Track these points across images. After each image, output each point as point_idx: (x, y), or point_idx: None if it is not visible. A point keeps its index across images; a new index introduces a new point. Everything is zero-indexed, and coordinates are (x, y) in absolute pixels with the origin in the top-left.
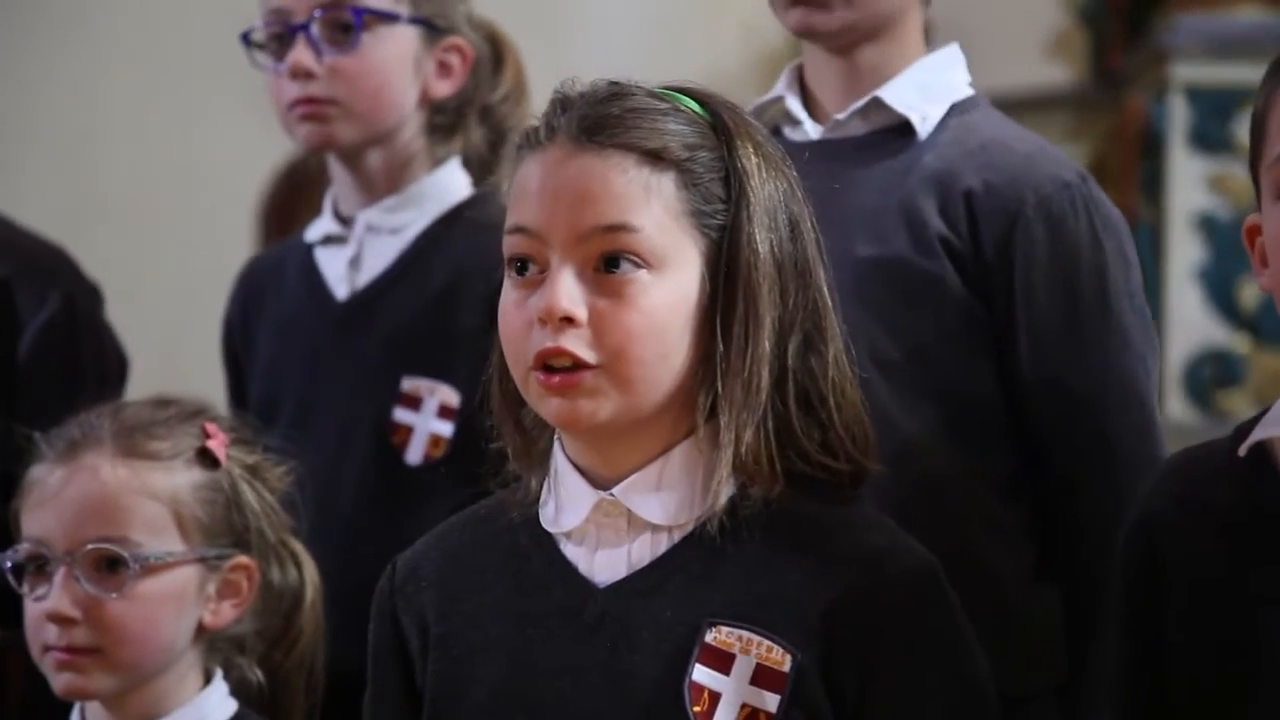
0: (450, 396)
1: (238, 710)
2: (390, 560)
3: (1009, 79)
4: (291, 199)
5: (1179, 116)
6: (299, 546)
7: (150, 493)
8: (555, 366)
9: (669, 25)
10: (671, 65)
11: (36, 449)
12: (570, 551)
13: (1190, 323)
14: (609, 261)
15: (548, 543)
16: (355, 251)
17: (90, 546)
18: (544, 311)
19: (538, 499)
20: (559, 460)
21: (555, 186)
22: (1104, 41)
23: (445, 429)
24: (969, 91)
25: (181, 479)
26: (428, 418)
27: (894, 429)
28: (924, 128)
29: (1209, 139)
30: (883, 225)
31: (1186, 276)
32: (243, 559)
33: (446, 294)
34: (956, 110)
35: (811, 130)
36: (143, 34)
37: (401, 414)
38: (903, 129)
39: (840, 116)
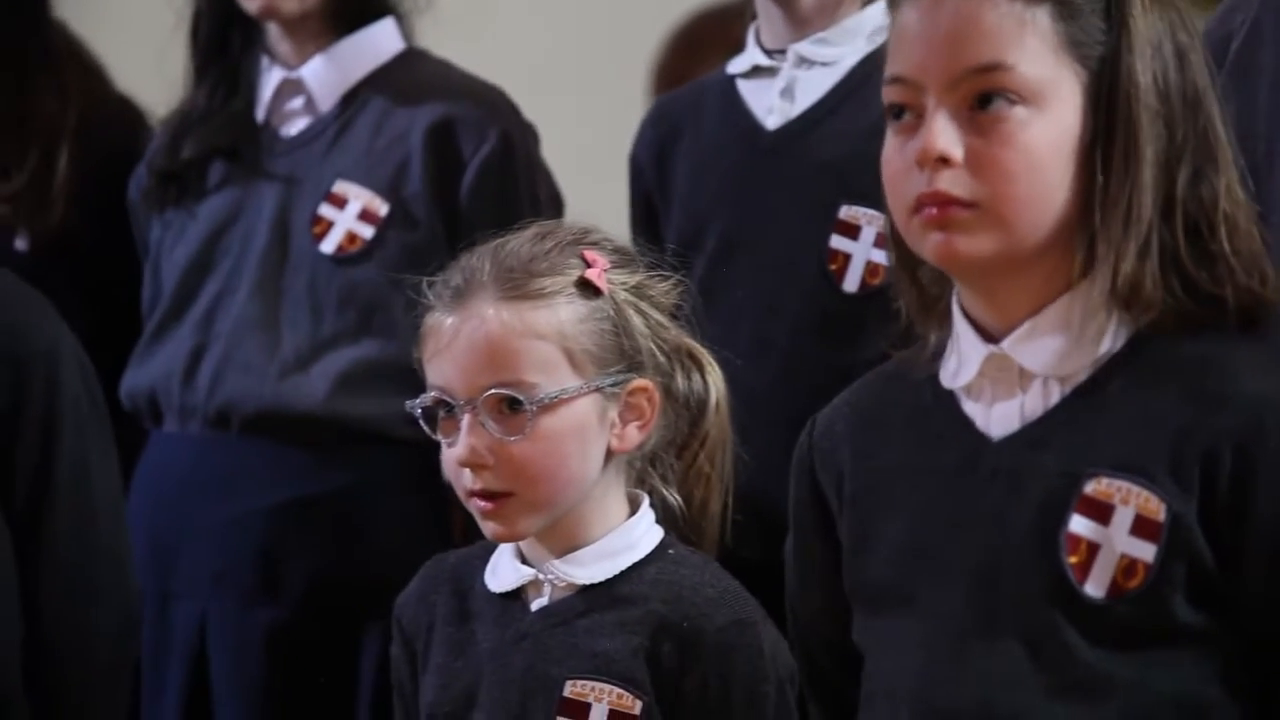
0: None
1: (663, 539)
2: (826, 390)
3: None
4: None
5: None
6: (703, 352)
7: (537, 333)
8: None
9: None
10: None
11: (427, 297)
12: (969, 407)
13: None
14: (983, 99)
15: (948, 399)
16: (787, 82)
17: (488, 393)
18: (920, 153)
19: (938, 355)
20: (956, 315)
21: (928, 32)
22: None
23: (883, 258)
24: None
25: (566, 314)
26: (866, 246)
27: None
28: None
29: None
30: None
31: None
32: (640, 381)
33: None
34: None
35: None
36: None
37: (839, 241)
38: None
39: None
